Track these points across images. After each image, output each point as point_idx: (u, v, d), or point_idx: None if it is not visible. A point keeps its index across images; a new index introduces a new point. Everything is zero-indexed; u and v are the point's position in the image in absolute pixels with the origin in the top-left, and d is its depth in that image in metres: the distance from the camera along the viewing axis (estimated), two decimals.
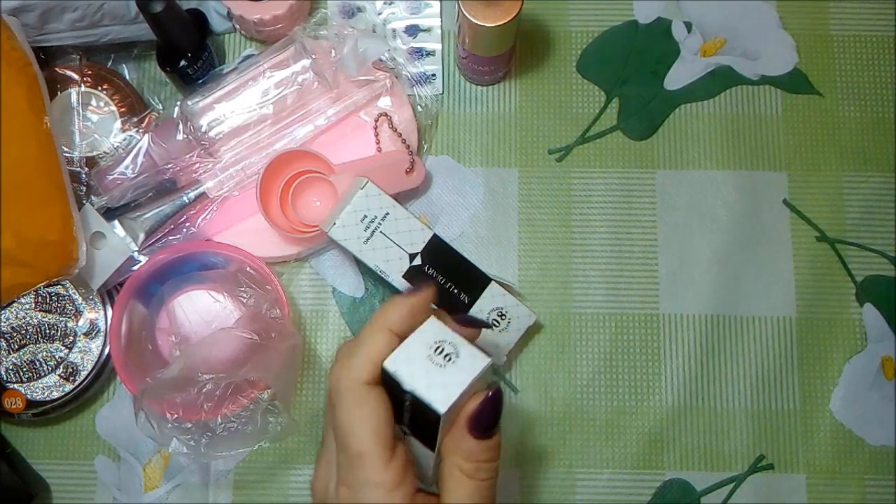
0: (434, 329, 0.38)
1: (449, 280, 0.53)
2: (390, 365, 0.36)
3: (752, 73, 0.61)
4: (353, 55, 0.55)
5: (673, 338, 0.57)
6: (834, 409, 0.56)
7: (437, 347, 0.37)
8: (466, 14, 0.52)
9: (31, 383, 0.55)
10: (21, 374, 0.55)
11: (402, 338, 0.37)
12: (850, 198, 0.59)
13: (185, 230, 0.56)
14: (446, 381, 0.36)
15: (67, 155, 0.56)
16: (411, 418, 0.37)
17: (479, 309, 0.53)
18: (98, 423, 0.57)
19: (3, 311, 0.55)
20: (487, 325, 0.41)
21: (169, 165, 0.56)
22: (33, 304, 0.56)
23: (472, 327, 0.41)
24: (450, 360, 0.36)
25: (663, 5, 0.62)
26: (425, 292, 0.39)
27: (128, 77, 0.60)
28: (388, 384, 0.37)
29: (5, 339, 0.55)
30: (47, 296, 0.56)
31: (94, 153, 0.57)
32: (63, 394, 0.55)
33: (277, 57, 0.56)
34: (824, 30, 0.62)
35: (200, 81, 0.58)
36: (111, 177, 0.56)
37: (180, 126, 0.56)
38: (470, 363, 0.37)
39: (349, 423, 0.36)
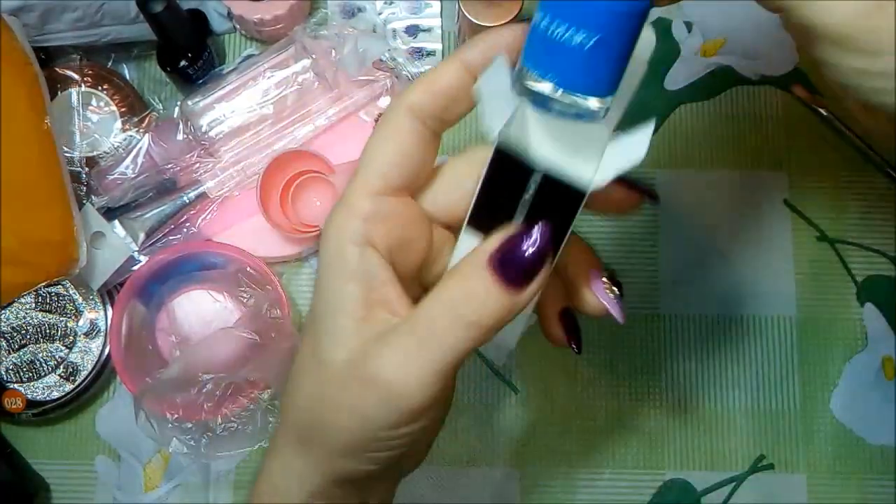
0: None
1: None
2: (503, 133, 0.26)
3: (752, 73, 0.61)
4: (354, 55, 0.55)
5: (673, 338, 0.57)
6: (834, 408, 0.56)
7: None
8: (466, 14, 0.52)
9: (31, 383, 0.55)
10: (21, 374, 0.55)
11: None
12: (850, 198, 0.59)
13: (185, 230, 0.56)
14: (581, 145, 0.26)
15: (67, 155, 0.56)
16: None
17: None
18: (98, 423, 0.57)
19: (3, 311, 0.55)
20: None
21: (169, 165, 0.56)
22: (33, 304, 0.56)
23: None
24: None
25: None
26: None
27: (128, 77, 0.60)
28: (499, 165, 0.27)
29: (5, 339, 0.55)
30: (47, 296, 0.56)
31: (95, 153, 0.57)
32: (63, 394, 0.55)
33: (278, 57, 0.56)
34: None
35: (200, 81, 0.58)
36: (111, 177, 0.56)
37: (180, 126, 0.56)
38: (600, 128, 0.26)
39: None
